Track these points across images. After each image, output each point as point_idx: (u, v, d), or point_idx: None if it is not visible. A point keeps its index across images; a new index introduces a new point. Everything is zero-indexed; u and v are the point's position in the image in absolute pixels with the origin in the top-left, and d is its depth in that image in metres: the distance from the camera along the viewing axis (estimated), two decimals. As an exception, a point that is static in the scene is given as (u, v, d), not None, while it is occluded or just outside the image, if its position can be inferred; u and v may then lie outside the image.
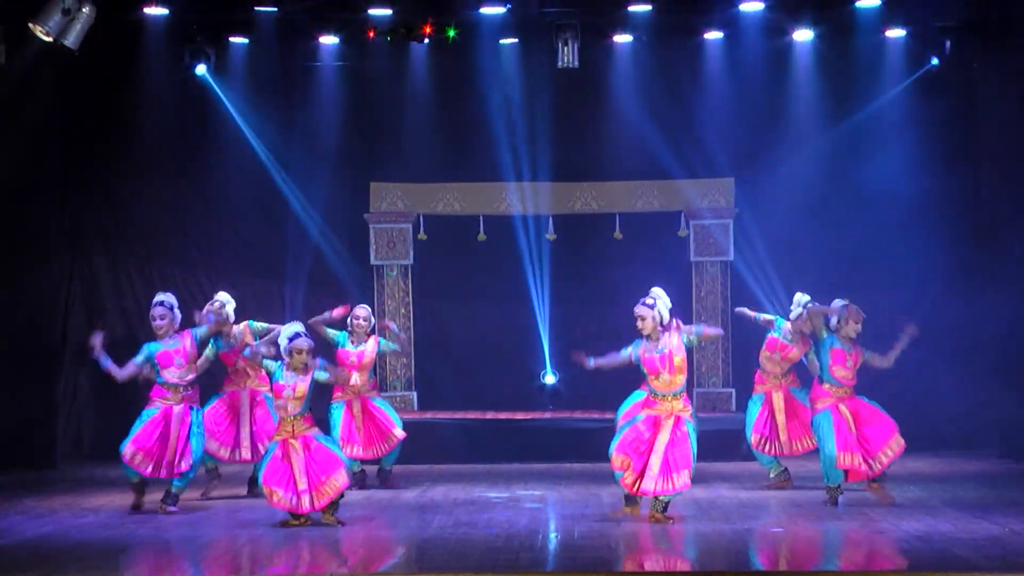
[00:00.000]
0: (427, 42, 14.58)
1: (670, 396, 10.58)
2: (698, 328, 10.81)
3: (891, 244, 15.50)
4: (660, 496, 10.51)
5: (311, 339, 10.64)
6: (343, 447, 12.27)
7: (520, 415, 15.23)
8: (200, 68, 14.93)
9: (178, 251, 15.89)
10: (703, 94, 15.60)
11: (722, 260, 15.98)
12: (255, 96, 15.50)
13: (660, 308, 10.57)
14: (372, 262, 16.14)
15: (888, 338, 11.72)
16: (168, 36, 14.57)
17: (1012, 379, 14.45)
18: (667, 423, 10.51)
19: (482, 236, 15.98)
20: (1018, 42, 14.33)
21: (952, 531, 9.94)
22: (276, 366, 10.57)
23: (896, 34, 15.00)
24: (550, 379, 15.83)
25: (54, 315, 14.88)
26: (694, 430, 10.63)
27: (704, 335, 10.93)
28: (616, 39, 15.14)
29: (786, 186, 15.64)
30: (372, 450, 12.59)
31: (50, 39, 12.95)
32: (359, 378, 12.54)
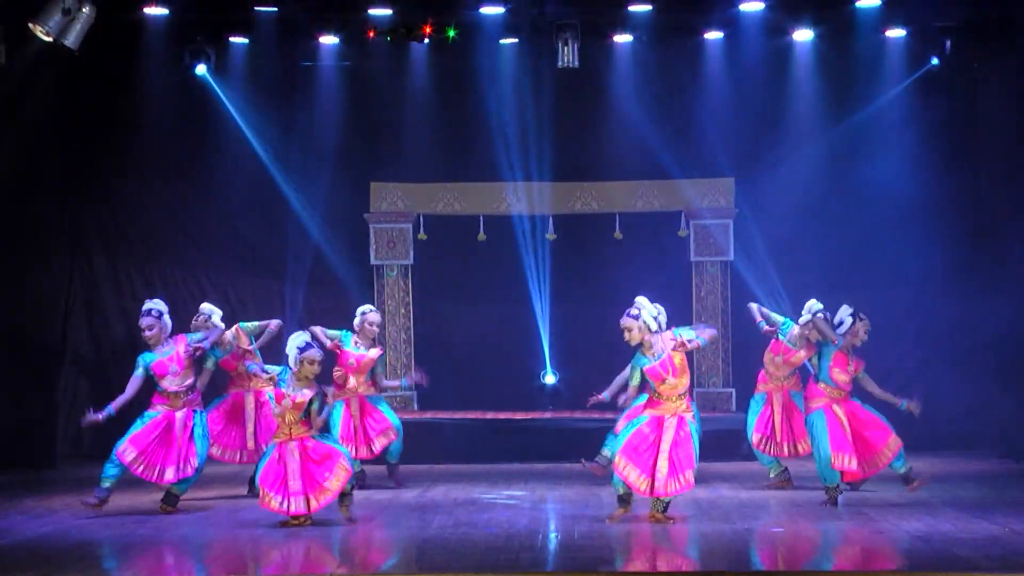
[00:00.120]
0: (427, 42, 14.58)
1: (674, 397, 10.58)
2: (700, 339, 10.74)
3: (891, 244, 15.50)
4: (662, 496, 10.51)
5: (321, 350, 10.66)
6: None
7: (520, 415, 15.22)
8: (200, 68, 14.93)
9: (178, 251, 15.89)
10: (703, 94, 15.60)
11: (722, 260, 15.98)
12: (255, 96, 15.50)
13: (645, 317, 10.54)
14: (372, 262, 16.15)
15: (888, 338, 11.74)
16: (168, 36, 14.57)
17: (1012, 379, 14.44)
18: (670, 423, 10.51)
19: (482, 236, 15.98)
20: (1018, 42, 14.33)
21: (952, 531, 9.94)
22: (283, 371, 10.58)
23: (896, 34, 15.00)
24: (550, 379, 15.83)
25: (54, 315, 14.88)
26: (697, 430, 10.64)
27: (705, 338, 10.87)
28: (616, 39, 15.13)
29: (786, 186, 15.63)
30: (366, 450, 12.58)
31: (50, 39, 12.94)
32: (355, 380, 12.58)
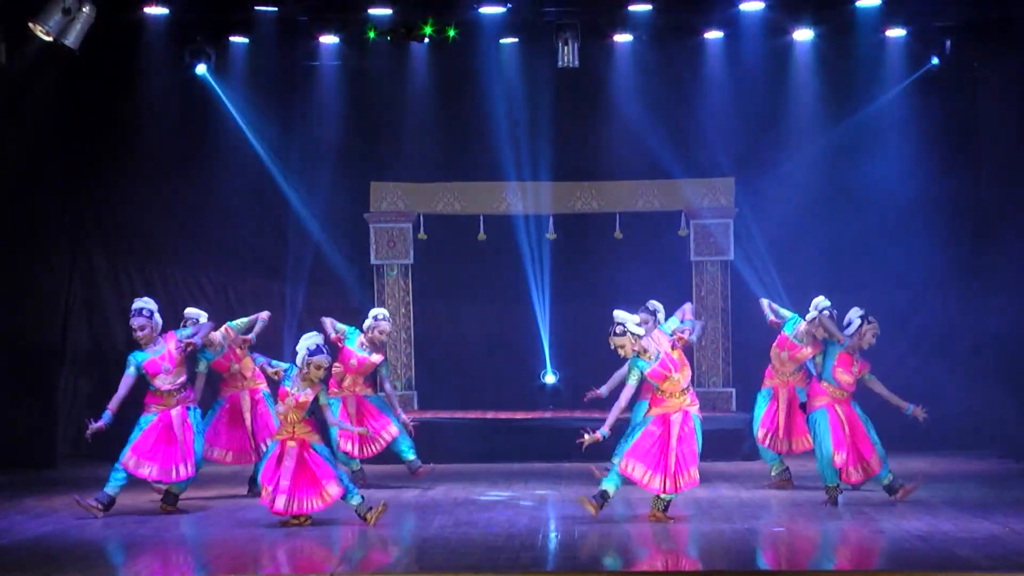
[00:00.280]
0: (427, 42, 14.58)
1: (677, 393, 10.58)
2: (688, 323, 10.72)
3: (891, 243, 15.50)
4: (662, 495, 10.51)
5: (329, 356, 10.66)
6: (343, 443, 12.28)
7: (520, 415, 15.22)
8: (200, 68, 14.92)
9: (178, 251, 15.88)
10: (703, 93, 15.60)
11: (722, 260, 15.97)
12: (255, 96, 15.50)
13: (630, 328, 10.53)
14: (372, 262, 16.14)
15: (888, 338, 11.73)
16: (168, 36, 14.56)
17: (1012, 379, 14.44)
18: (676, 419, 10.51)
19: (482, 236, 15.97)
20: (1018, 42, 14.32)
21: (953, 530, 9.94)
22: (289, 368, 10.58)
23: (896, 34, 15.00)
24: (550, 379, 15.83)
25: (54, 315, 14.88)
26: (700, 425, 10.64)
27: (691, 317, 10.83)
28: (616, 39, 15.13)
29: (786, 185, 15.63)
30: (366, 448, 12.58)
31: (50, 39, 12.93)
32: (351, 380, 12.61)
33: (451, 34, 14.45)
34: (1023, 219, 14.49)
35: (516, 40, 15.15)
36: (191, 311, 12.25)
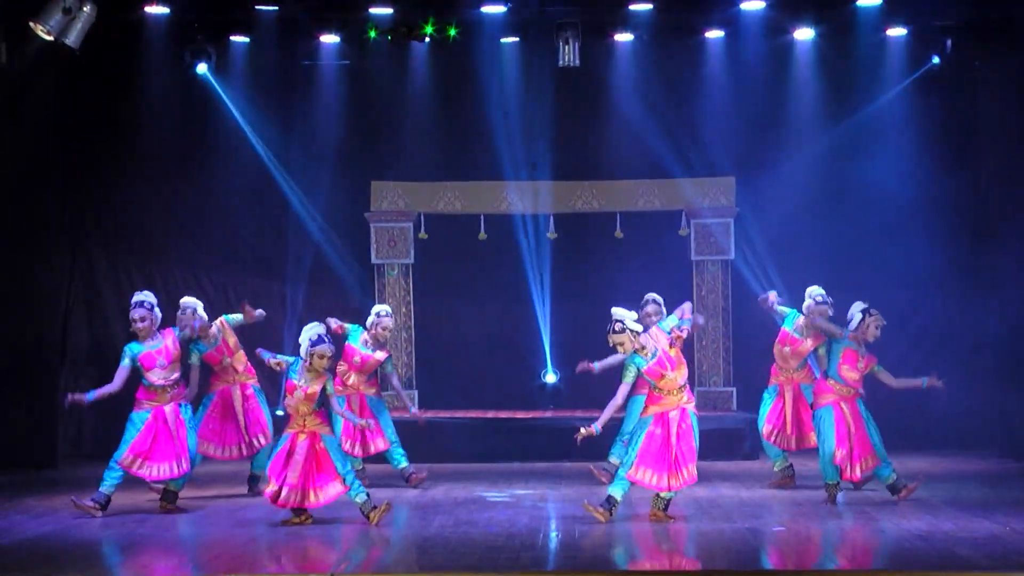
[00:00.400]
0: (428, 41, 14.57)
1: (675, 390, 10.58)
2: (686, 322, 10.69)
3: (891, 243, 15.50)
4: (663, 493, 10.51)
5: (332, 345, 10.65)
6: (343, 442, 12.27)
7: (520, 415, 15.22)
8: (201, 67, 14.93)
9: (178, 251, 15.88)
10: (704, 93, 15.60)
11: (723, 259, 15.97)
12: (256, 95, 15.50)
13: (629, 325, 10.54)
14: (373, 261, 16.14)
15: (888, 337, 11.73)
16: (169, 35, 14.57)
17: (1012, 379, 14.45)
18: (674, 416, 10.52)
19: (483, 235, 15.97)
20: (1018, 42, 14.32)
21: (953, 530, 9.94)
22: (295, 361, 10.58)
23: (897, 33, 15.00)
24: (551, 378, 15.82)
25: (54, 315, 14.87)
26: (697, 423, 10.65)
27: (689, 316, 10.78)
28: (617, 38, 15.14)
29: (787, 185, 15.63)
30: (357, 449, 12.59)
31: (51, 38, 12.94)
32: (356, 379, 12.62)
33: (452, 33, 14.48)
34: (1023, 219, 14.49)
35: (517, 39, 15.15)
36: (188, 300, 12.21)
